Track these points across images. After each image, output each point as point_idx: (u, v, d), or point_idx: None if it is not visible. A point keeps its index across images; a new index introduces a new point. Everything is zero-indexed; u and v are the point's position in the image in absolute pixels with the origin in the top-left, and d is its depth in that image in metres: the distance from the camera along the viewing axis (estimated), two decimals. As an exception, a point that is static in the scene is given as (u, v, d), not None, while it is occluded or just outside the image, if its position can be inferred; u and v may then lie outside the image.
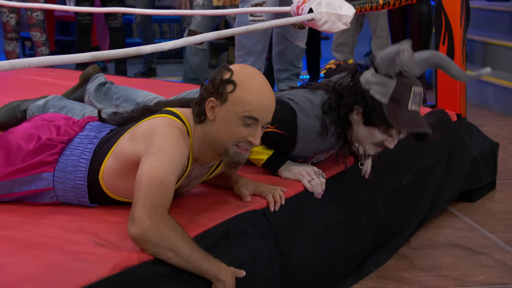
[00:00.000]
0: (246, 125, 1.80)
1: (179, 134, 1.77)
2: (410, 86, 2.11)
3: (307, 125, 2.16)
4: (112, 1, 5.72)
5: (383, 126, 2.12)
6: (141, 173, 1.70)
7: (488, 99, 5.23)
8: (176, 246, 1.62)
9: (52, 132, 1.98)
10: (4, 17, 5.49)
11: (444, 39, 3.20)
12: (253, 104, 1.79)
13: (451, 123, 3.17)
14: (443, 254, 2.62)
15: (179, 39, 2.18)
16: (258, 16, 3.48)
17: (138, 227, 1.61)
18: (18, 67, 1.62)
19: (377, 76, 2.12)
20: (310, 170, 2.21)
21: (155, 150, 1.72)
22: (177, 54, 7.11)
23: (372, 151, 2.21)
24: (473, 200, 3.19)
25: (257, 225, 1.95)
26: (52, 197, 1.93)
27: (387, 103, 2.09)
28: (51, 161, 1.92)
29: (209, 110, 1.82)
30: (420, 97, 2.14)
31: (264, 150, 2.24)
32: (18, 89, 3.49)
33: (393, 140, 2.16)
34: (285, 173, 2.22)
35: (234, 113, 1.79)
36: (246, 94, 1.79)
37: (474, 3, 6.63)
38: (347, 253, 2.32)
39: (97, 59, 1.85)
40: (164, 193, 1.68)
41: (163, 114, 1.83)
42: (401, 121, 2.10)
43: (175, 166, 1.72)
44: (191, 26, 5.16)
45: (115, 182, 1.87)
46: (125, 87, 2.73)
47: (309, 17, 2.66)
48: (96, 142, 1.94)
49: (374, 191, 2.47)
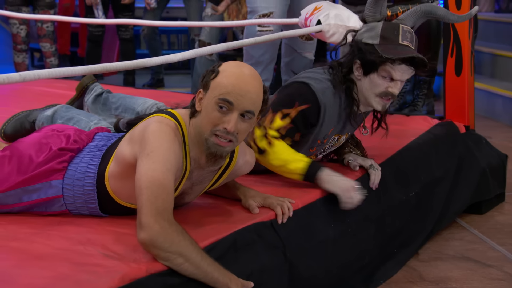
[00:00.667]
0: (221, 111, 1.76)
1: (170, 131, 1.76)
2: (398, 24, 2.24)
3: (321, 87, 2.25)
4: (124, 13, 5.76)
5: (381, 68, 2.20)
6: (139, 178, 1.70)
7: (497, 110, 5.21)
8: (186, 250, 1.62)
9: (62, 141, 1.99)
10: (15, 29, 5.53)
11: (452, 50, 3.20)
12: (227, 87, 1.76)
13: (459, 135, 3.16)
14: (452, 266, 2.60)
15: (188, 51, 2.19)
16: (266, 26, 3.49)
17: (147, 232, 1.61)
18: (29, 79, 1.63)
19: (367, 26, 2.28)
20: (351, 186, 2.17)
21: (148, 151, 1.72)
22: (185, 65, 7.13)
23: (380, 105, 2.28)
24: (482, 212, 3.17)
25: (265, 237, 1.95)
26: (62, 205, 1.94)
27: (378, 42, 2.22)
28: (60, 168, 1.93)
29: (198, 101, 1.83)
30: (411, 35, 2.24)
31: (297, 156, 2.21)
32: (28, 100, 3.50)
33: (395, 84, 2.23)
34: (326, 184, 2.18)
35: (212, 98, 1.78)
36: (223, 79, 1.78)
37: (482, 14, 6.63)
38: (355, 265, 2.31)
39: (107, 70, 1.86)
40: (166, 196, 1.68)
41: (157, 114, 1.84)
42: (393, 52, 2.19)
43: (170, 165, 1.72)
44: (200, 37, 5.20)
45: (119, 186, 1.88)
46: (122, 95, 2.72)
47: (317, 28, 2.66)
48: (104, 149, 1.96)
49: (382, 203, 2.46)
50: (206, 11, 5.18)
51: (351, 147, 2.51)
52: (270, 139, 2.20)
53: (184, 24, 4.49)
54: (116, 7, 5.81)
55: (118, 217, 1.93)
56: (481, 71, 5.80)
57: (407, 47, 2.22)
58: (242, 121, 1.79)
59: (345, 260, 2.24)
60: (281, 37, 2.83)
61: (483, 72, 5.85)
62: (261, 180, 2.29)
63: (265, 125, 2.21)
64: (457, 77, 3.23)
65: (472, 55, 3.26)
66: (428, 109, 4.47)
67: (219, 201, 2.11)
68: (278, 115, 2.22)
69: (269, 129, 2.21)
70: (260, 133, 2.21)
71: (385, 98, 2.26)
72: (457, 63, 3.18)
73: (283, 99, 2.26)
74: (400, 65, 2.20)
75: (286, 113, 2.22)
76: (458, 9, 3.13)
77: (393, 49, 2.20)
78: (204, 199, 2.11)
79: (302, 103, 2.22)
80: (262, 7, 3.47)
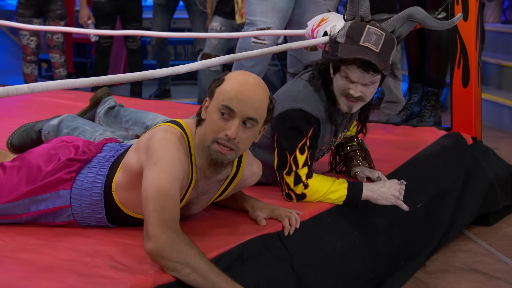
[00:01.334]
0: (223, 118, 1.77)
1: (175, 140, 1.77)
2: (365, 25, 2.19)
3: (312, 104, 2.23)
4: (131, 24, 5.79)
5: (341, 67, 2.17)
6: (145, 187, 1.70)
7: (504, 121, 5.20)
8: (194, 260, 1.62)
9: (71, 152, 2.00)
10: (25, 40, 5.57)
11: (459, 62, 3.20)
12: (230, 93, 1.76)
13: (466, 146, 3.16)
14: (460, 278, 2.59)
15: (195, 62, 2.19)
16: (261, 39, 3.50)
17: (154, 243, 1.61)
18: (37, 91, 1.64)
19: (344, 24, 2.26)
20: (398, 188, 2.23)
21: (154, 160, 1.73)
22: (191, 75, 7.15)
23: (345, 106, 2.26)
24: (489, 224, 3.16)
25: (272, 248, 1.95)
26: (69, 215, 1.94)
27: (343, 41, 2.18)
28: (68, 178, 1.94)
29: (204, 109, 1.84)
30: (377, 37, 2.17)
31: (334, 186, 2.23)
32: (35, 111, 3.52)
33: (355, 86, 2.19)
34: (378, 202, 2.24)
35: (215, 105, 1.79)
36: (227, 86, 1.79)
37: (489, 25, 6.62)
38: (362, 277, 2.30)
39: (114, 82, 1.87)
40: (172, 206, 1.68)
41: (164, 123, 1.85)
42: (346, 52, 2.16)
43: (176, 174, 1.73)
44: (205, 49, 5.19)
45: (126, 195, 1.88)
46: (134, 109, 2.75)
47: (324, 40, 2.66)
48: (113, 160, 1.97)
49: (389, 215, 2.45)
50: (213, 25, 5.17)
51: (359, 160, 2.51)
52: (304, 181, 2.21)
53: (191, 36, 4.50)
54: (124, 18, 5.84)
55: (125, 228, 1.93)
56: (487, 82, 5.79)
57: (366, 48, 2.15)
58: (244, 129, 1.78)
59: (352, 272, 2.23)
60: (288, 48, 2.83)
61: (489, 83, 5.84)
62: (268, 191, 2.29)
63: (292, 170, 2.21)
64: (464, 88, 3.22)
65: (479, 66, 3.26)
66: (435, 120, 4.47)
67: (226, 213, 2.11)
68: (297, 152, 2.22)
69: (299, 171, 2.21)
70: (292, 178, 2.21)
71: (350, 99, 2.23)
72: (464, 75, 3.18)
73: (291, 137, 2.21)
74: (351, 66, 2.17)
75: (301, 146, 2.21)
76: (465, 20, 3.13)
77: (350, 50, 2.16)
78: (211, 210, 2.11)
79: (308, 129, 2.22)
80: (261, 21, 3.47)
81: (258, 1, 3.46)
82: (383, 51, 2.16)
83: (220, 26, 5.12)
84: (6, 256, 1.73)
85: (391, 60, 2.24)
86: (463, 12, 3.10)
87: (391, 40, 2.20)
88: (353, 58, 2.14)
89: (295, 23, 3.62)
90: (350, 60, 2.15)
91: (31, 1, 5.47)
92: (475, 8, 3.14)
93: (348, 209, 2.26)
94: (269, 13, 3.44)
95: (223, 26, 5.14)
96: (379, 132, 3.32)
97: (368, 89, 2.22)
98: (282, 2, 3.47)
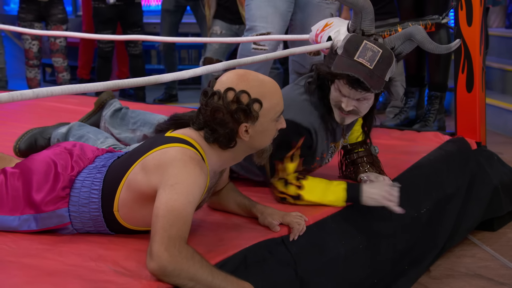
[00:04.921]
0: (277, 122, 1.90)
1: (196, 165, 1.75)
2: (363, 40, 2.17)
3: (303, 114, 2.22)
4: (132, 29, 5.80)
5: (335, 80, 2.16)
6: (158, 206, 1.69)
7: (508, 126, 5.19)
8: (196, 275, 1.62)
9: (68, 161, 1.98)
10: (27, 44, 5.58)
11: (463, 67, 3.19)
12: (279, 103, 1.88)
13: (471, 151, 3.15)
14: (464, 284, 2.58)
15: (199, 68, 2.20)
16: (261, 45, 3.50)
17: (156, 262, 1.61)
18: (42, 96, 1.64)
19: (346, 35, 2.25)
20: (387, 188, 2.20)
21: (172, 182, 1.71)
22: (196, 80, 7.15)
23: (338, 117, 2.25)
24: (494, 229, 3.15)
25: (276, 253, 1.95)
26: (72, 231, 1.94)
27: (340, 53, 2.18)
28: (64, 196, 1.91)
29: (244, 134, 1.84)
30: (373, 53, 2.14)
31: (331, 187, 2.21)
32: (39, 115, 3.53)
33: (346, 100, 2.18)
34: (369, 201, 2.21)
35: (270, 121, 1.87)
36: (271, 101, 1.85)
37: (493, 30, 6.62)
38: (366, 282, 2.30)
39: (119, 87, 1.87)
40: (182, 226, 1.67)
41: (174, 144, 1.80)
42: (340, 66, 2.14)
43: (193, 198, 1.72)
44: (206, 54, 5.20)
45: (132, 214, 1.87)
46: (142, 111, 2.76)
47: (328, 45, 2.66)
48: (104, 170, 1.93)
49: (393, 220, 2.45)
50: (214, 29, 5.19)
51: (366, 167, 2.50)
52: (296, 182, 2.20)
53: (196, 40, 4.52)
54: (125, 24, 5.84)
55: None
56: (491, 87, 5.78)
57: (359, 64, 2.12)
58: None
59: (356, 277, 2.23)
60: (292, 53, 2.84)
61: (494, 88, 5.83)
62: (272, 196, 2.29)
63: (283, 177, 2.21)
64: (468, 93, 3.22)
65: (483, 71, 3.25)
66: (439, 125, 4.46)
67: (229, 218, 2.11)
68: (287, 161, 2.21)
69: (289, 177, 2.21)
70: (282, 184, 2.21)
71: (342, 112, 2.22)
72: (468, 79, 3.18)
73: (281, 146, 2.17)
74: (341, 80, 2.16)
75: (292, 155, 2.21)
76: (469, 25, 3.13)
77: (342, 64, 2.15)
78: (215, 216, 2.11)
79: (298, 138, 2.21)
80: (260, 26, 3.47)
81: (257, 6, 3.46)
82: (378, 68, 2.14)
83: (220, 30, 5.13)
84: (10, 261, 1.73)
85: (389, 77, 2.20)
86: (467, 17, 3.10)
87: (388, 58, 2.17)
88: (341, 74, 2.14)
89: (298, 27, 3.61)
90: (339, 75, 2.15)
91: (32, 6, 5.48)
92: (479, 13, 3.14)
93: (352, 214, 2.26)
94: (269, 18, 3.44)
95: (223, 29, 5.15)
96: (382, 137, 3.31)
97: (362, 104, 2.21)
98: (282, 7, 3.47)
